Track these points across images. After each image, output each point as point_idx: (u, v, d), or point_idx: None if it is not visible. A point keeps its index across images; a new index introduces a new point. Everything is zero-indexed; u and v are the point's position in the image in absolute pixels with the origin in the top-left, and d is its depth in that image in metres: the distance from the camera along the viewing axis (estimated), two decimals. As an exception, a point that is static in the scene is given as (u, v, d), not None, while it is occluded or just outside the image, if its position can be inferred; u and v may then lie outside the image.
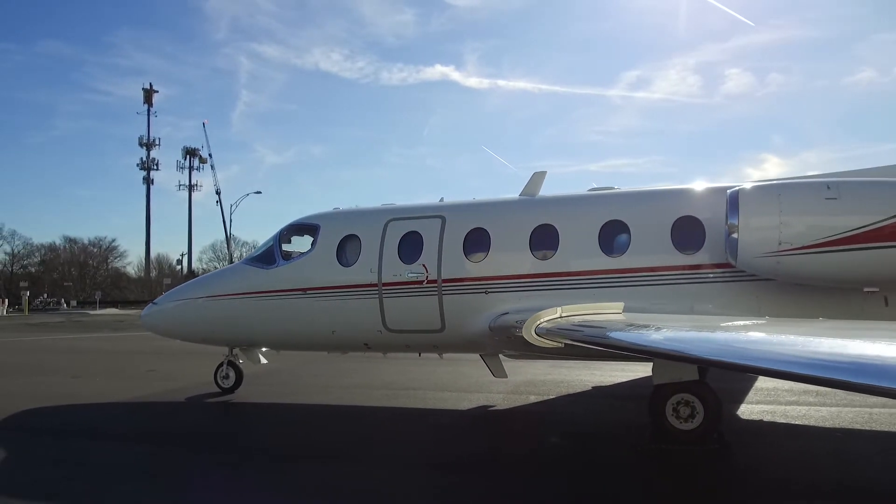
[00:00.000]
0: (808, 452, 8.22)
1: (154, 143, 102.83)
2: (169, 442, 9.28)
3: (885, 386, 3.25)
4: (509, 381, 12.26)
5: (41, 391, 13.54)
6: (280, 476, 7.36)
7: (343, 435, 9.67)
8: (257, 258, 12.47)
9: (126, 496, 6.70)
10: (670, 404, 8.21)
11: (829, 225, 7.95)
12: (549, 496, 6.57)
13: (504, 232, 10.59)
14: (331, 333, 11.41)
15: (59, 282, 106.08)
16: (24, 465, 8.07)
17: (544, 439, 9.08)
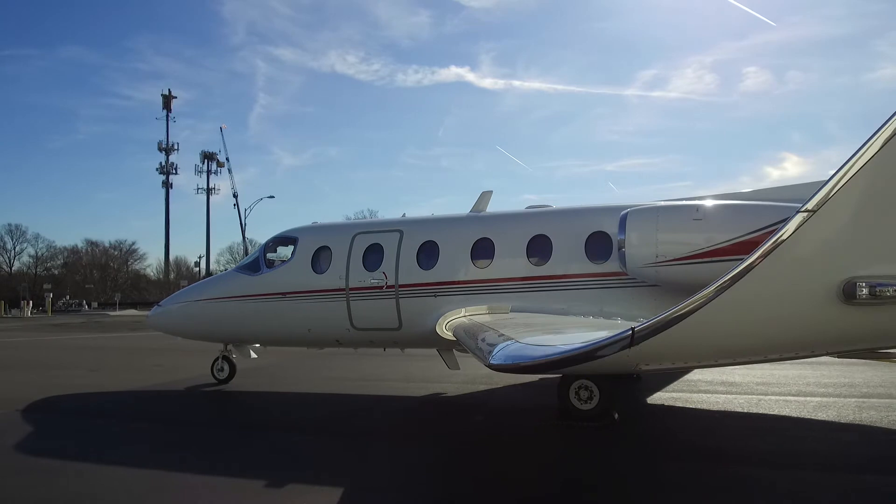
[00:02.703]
0: (683, 427, 9.95)
1: (173, 148, 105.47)
2: (165, 420, 11.22)
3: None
4: (468, 373, 14.05)
5: (62, 382, 15.55)
6: (264, 443, 9.26)
7: (322, 415, 11.58)
8: (246, 266, 14.44)
9: (126, 457, 8.57)
10: (573, 388, 9.92)
11: (695, 241, 9.65)
12: (468, 460, 8.39)
13: (451, 244, 12.38)
14: (307, 331, 13.32)
15: (81, 284, 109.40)
16: (47, 436, 10.02)
17: (472, 417, 10.91)
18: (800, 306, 4.95)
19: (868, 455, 8.02)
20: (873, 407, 10.62)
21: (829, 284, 4.85)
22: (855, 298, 4.83)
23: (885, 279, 4.78)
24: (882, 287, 4.78)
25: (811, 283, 4.85)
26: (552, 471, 7.69)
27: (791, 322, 5.08)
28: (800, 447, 8.37)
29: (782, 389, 12.54)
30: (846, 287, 4.84)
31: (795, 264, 4.81)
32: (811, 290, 4.86)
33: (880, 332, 5.31)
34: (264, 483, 7.08)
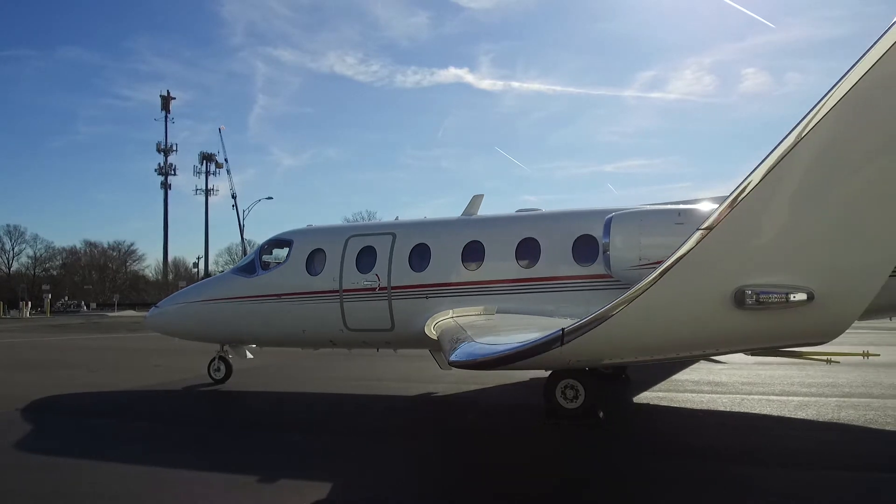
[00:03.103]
0: (668, 425, 10.23)
1: (171, 149, 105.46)
2: (162, 419, 11.48)
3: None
4: (459, 373, 14.25)
5: (61, 382, 15.80)
6: (258, 441, 9.54)
7: (315, 414, 11.91)
8: (242, 268, 14.70)
9: (124, 455, 8.82)
10: (559, 388, 10.19)
11: (676, 244, 9.90)
12: (456, 457, 8.67)
13: (442, 247, 12.66)
14: (302, 332, 13.58)
15: (80, 285, 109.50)
16: (47, 434, 10.27)
17: (462, 416, 11.21)
18: (700, 310, 5.63)
19: (845, 452, 8.29)
20: (852, 406, 10.91)
21: (724, 292, 5.49)
22: (744, 304, 5.47)
23: (768, 288, 5.42)
24: (765, 294, 5.44)
25: (709, 291, 5.51)
26: (539, 468, 7.97)
27: (694, 324, 5.77)
28: (779, 445, 8.66)
29: (766, 389, 12.84)
30: (737, 294, 5.48)
31: (696, 274, 5.49)
32: (709, 296, 5.52)
33: (766, 333, 5.93)
34: (257, 479, 7.35)
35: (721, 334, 5.87)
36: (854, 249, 5.29)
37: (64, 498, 6.87)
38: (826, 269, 5.37)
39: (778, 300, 5.42)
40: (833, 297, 5.37)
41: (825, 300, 5.42)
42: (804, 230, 5.30)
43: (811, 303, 5.42)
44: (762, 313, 5.49)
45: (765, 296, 5.40)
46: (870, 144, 4.96)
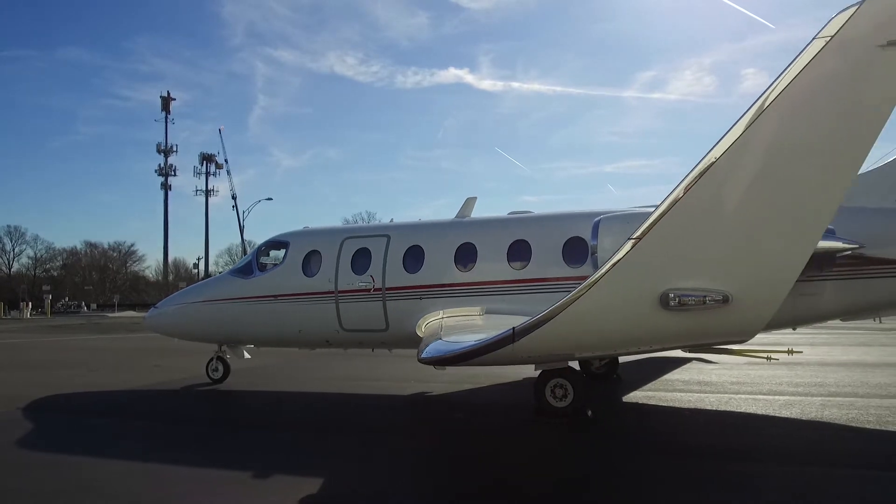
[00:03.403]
0: (654, 423, 10.46)
1: (172, 150, 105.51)
2: (160, 418, 11.71)
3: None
4: (455, 373, 14.48)
5: (62, 382, 16.02)
6: (254, 439, 9.77)
7: (310, 413, 12.19)
8: (239, 269, 14.94)
9: (123, 453, 9.04)
10: (549, 387, 10.42)
11: (662, 246, 10.15)
12: (444, 452, 8.91)
13: (435, 249, 12.89)
14: (298, 332, 13.81)
15: (81, 285, 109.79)
16: (48, 433, 10.50)
17: (451, 414, 11.45)
18: (631, 311, 6.26)
19: (823, 449, 8.49)
20: (836, 405, 11.13)
21: (651, 295, 6.10)
22: (669, 306, 6.14)
23: (688, 291, 6.06)
24: (686, 297, 6.09)
25: (639, 294, 6.10)
26: (529, 464, 8.19)
27: (627, 323, 6.45)
28: (761, 442, 8.89)
29: (753, 388, 13.07)
30: (662, 297, 6.14)
31: (628, 279, 6.04)
32: (639, 299, 6.12)
33: (689, 332, 6.66)
34: (253, 475, 7.57)
35: (650, 333, 6.64)
36: (764, 259, 5.88)
37: (65, 496, 7.07)
38: (740, 275, 5.95)
39: (696, 302, 6.07)
40: (746, 300, 6.01)
41: (739, 303, 6.07)
42: (721, 241, 5.89)
43: (727, 305, 6.07)
44: (684, 314, 6.15)
45: (685, 298, 6.05)
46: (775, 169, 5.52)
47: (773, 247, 5.77)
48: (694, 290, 6.01)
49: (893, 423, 9.72)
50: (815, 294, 10.82)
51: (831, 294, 10.85)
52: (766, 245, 5.80)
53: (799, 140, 5.37)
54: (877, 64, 5.00)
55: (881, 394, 12.24)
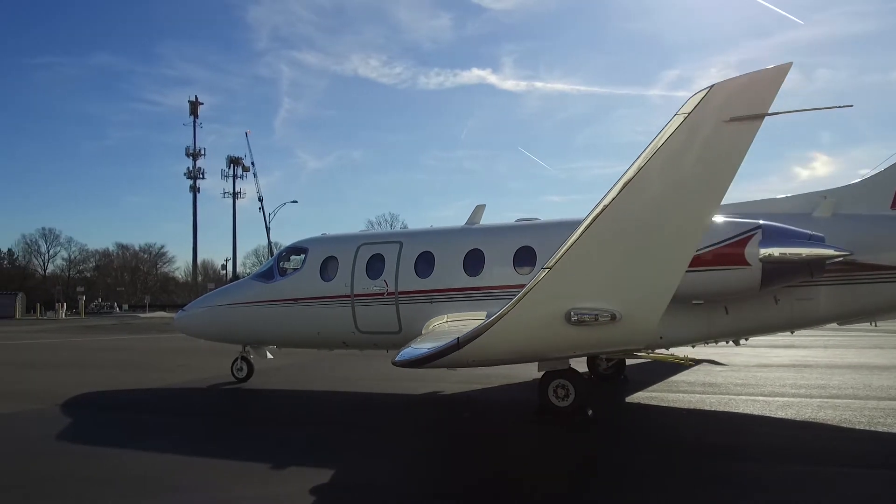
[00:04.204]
0: (651, 421, 10.95)
1: (200, 153, 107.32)
2: (187, 414, 12.51)
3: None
4: (467, 373, 15.07)
5: (96, 380, 16.94)
6: (273, 434, 10.48)
7: (328, 410, 12.94)
8: (262, 274, 15.72)
9: (152, 445, 9.79)
10: (552, 387, 10.94)
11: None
12: (453, 449, 9.51)
13: (445, 254, 13.48)
14: (316, 334, 14.52)
15: (113, 286, 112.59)
16: (84, 426, 11.32)
17: (460, 413, 12.04)
18: (545, 326, 7.53)
19: (808, 447, 8.91)
20: (832, 406, 11.48)
21: (559, 313, 7.37)
22: (571, 322, 7.45)
23: (585, 310, 7.36)
24: (582, 315, 7.38)
25: (550, 312, 7.38)
26: (528, 461, 8.78)
27: (542, 335, 7.74)
28: (749, 441, 9.35)
29: (755, 390, 13.41)
30: (567, 314, 7.45)
31: (541, 300, 7.30)
32: (550, 316, 7.39)
33: (589, 343, 8.06)
34: (269, 466, 8.24)
35: (560, 343, 7.95)
36: (641, 286, 7.24)
37: (101, 482, 7.79)
38: (624, 298, 7.25)
39: (591, 319, 7.33)
40: (630, 318, 7.31)
41: (625, 320, 7.42)
42: (609, 270, 7.24)
43: (615, 321, 7.39)
44: (584, 328, 7.40)
45: (582, 316, 7.32)
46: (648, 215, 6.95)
47: (648, 276, 7.16)
48: (589, 310, 7.35)
49: (883, 423, 10.07)
50: (810, 299, 11.23)
51: (826, 299, 11.24)
52: (642, 274, 7.19)
53: (666, 193, 6.71)
54: (723, 134, 6.42)
55: (879, 396, 12.53)
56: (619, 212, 6.74)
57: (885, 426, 9.92)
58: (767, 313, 11.39)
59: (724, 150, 6.53)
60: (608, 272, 7.23)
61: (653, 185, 6.65)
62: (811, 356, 19.88)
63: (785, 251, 10.25)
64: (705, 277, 10.40)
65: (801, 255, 10.30)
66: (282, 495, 7.08)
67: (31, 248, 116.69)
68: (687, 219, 6.88)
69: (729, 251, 10.24)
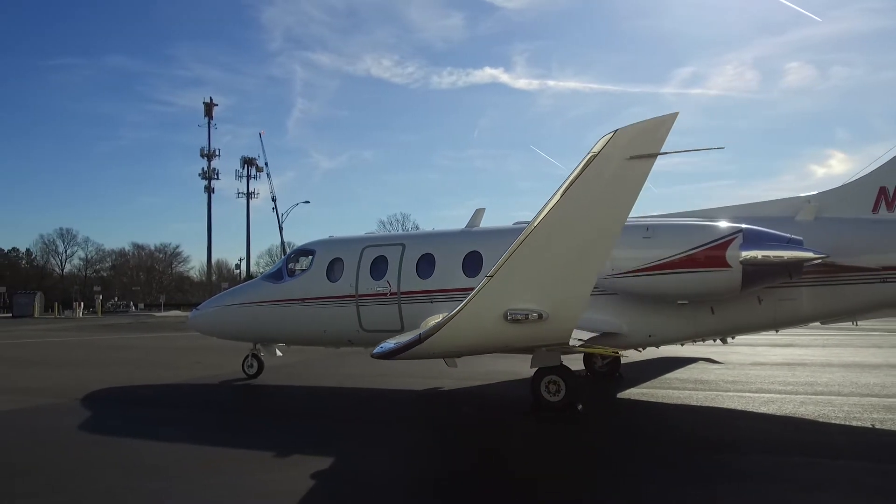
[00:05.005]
0: (638, 416, 11.51)
1: (214, 154, 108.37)
2: (199, 407, 13.21)
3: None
4: (467, 370, 15.72)
5: (114, 376, 17.71)
6: (279, 426, 11.16)
7: (333, 404, 13.61)
8: (271, 275, 16.42)
9: (166, 435, 10.48)
10: (544, 383, 11.53)
11: (644, 257, 11.17)
12: (448, 441, 10.13)
13: (445, 256, 14.08)
14: (323, 332, 15.18)
15: (129, 286, 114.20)
16: (101, 418, 12.02)
17: (457, 407, 12.66)
18: (487, 324, 8.58)
19: (778, 439, 9.44)
20: (814, 402, 11.96)
21: (499, 312, 8.44)
22: (508, 320, 8.54)
23: (518, 310, 8.43)
24: (516, 314, 8.46)
25: (492, 312, 8.46)
26: (520, 452, 9.39)
27: (486, 332, 8.79)
28: (725, 434, 9.89)
29: (743, 387, 13.90)
30: (505, 314, 8.53)
31: (485, 302, 8.39)
32: (492, 315, 8.47)
33: (524, 338, 9.10)
34: (273, 455, 8.88)
35: (501, 338, 9.08)
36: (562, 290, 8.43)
37: (115, 468, 8.44)
38: (548, 300, 8.39)
39: (522, 318, 8.40)
40: (555, 316, 8.43)
41: (551, 318, 8.56)
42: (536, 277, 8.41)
43: (542, 320, 8.53)
44: (518, 326, 8.49)
45: (516, 315, 8.41)
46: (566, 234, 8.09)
47: (567, 282, 8.39)
48: (522, 310, 8.46)
49: (859, 419, 10.54)
50: (792, 299, 11.75)
51: (808, 299, 11.74)
52: (562, 281, 8.44)
53: (581, 215, 7.96)
54: (625, 168, 7.62)
55: (862, 393, 12.97)
56: (544, 230, 7.94)
57: (860, 420, 10.39)
58: (752, 313, 11.92)
59: (626, 182, 7.78)
60: (536, 279, 8.39)
61: (571, 209, 7.86)
62: (807, 355, 20.30)
63: (764, 254, 10.78)
64: (689, 279, 10.98)
65: (780, 258, 10.82)
66: (283, 481, 7.68)
67: (48, 247, 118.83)
68: (597, 237, 8.17)
69: (711, 254, 10.79)
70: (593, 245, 8.19)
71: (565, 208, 7.78)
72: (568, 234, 8.01)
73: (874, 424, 10.12)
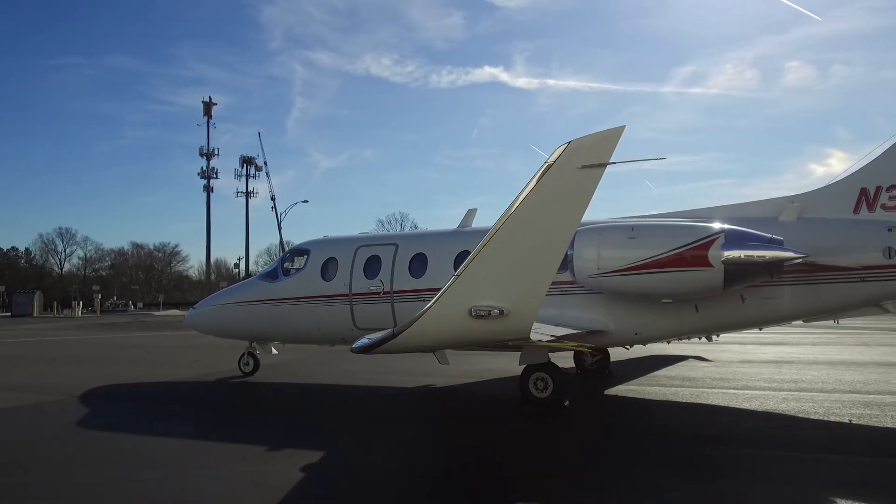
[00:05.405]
0: (623, 412, 11.81)
1: (213, 153, 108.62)
2: (196, 404, 13.49)
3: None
4: (461, 368, 16.02)
5: (111, 374, 17.98)
6: (273, 421, 11.44)
7: (326, 401, 13.91)
8: (267, 274, 16.70)
9: (163, 430, 10.75)
10: (532, 379, 11.83)
11: (629, 256, 11.46)
12: (436, 436, 10.42)
13: (437, 256, 14.36)
14: (317, 330, 15.46)
15: (128, 285, 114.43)
16: (100, 414, 12.27)
17: (447, 403, 12.94)
18: (455, 319, 9.01)
19: (753, 433, 9.74)
20: (796, 399, 12.24)
21: (464, 309, 8.87)
22: (473, 316, 9.00)
23: (483, 307, 8.85)
24: (480, 311, 8.86)
25: (458, 309, 8.88)
26: (506, 446, 9.67)
27: (454, 327, 9.20)
28: (702, 428, 10.19)
29: (729, 384, 14.18)
30: (470, 310, 8.98)
31: (452, 299, 8.83)
32: (458, 312, 8.89)
33: (487, 333, 9.49)
34: (266, 448, 9.17)
35: (468, 333, 9.52)
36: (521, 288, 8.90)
37: (112, 461, 8.72)
38: (509, 298, 8.84)
39: (486, 314, 8.83)
40: (515, 313, 8.89)
41: (512, 314, 9.04)
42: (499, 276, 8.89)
43: (503, 316, 9.00)
44: (482, 321, 8.95)
45: (480, 311, 8.85)
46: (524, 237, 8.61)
47: (525, 281, 8.89)
48: (485, 306, 8.92)
49: (837, 414, 10.82)
50: (774, 298, 12.04)
51: (790, 298, 12.03)
52: (520, 280, 8.97)
53: (538, 220, 8.49)
54: (577, 177, 8.19)
55: (843, 389, 13.26)
56: (506, 233, 8.49)
57: (838, 416, 10.68)
58: (735, 311, 12.21)
59: (578, 189, 8.32)
60: (498, 278, 8.91)
61: (530, 214, 8.41)
62: (795, 353, 20.59)
63: (746, 254, 11.07)
64: (673, 278, 11.27)
65: (761, 258, 11.11)
66: (275, 473, 7.96)
67: (48, 246, 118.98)
68: (552, 239, 8.71)
69: (694, 254, 11.08)
70: (549, 247, 8.76)
71: (524, 213, 8.35)
72: (527, 236, 8.59)
73: (851, 420, 10.40)
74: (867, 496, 6.94)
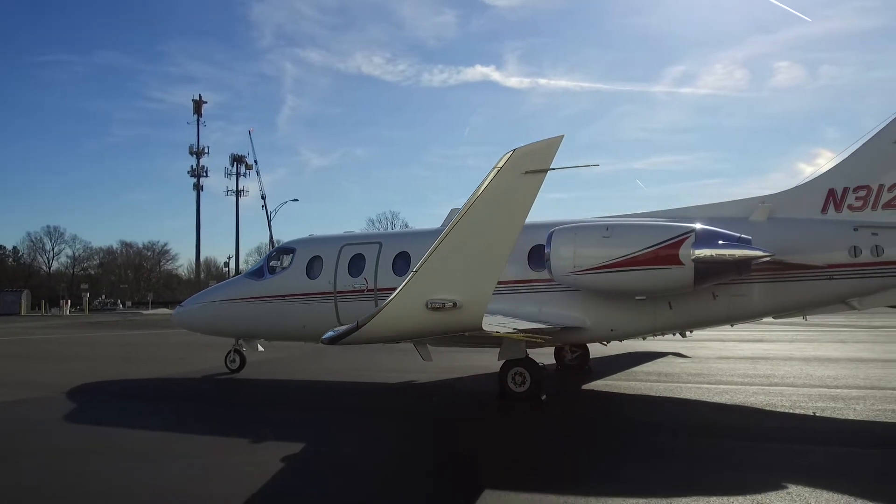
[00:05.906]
0: (596, 405, 12.17)
1: (203, 151, 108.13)
2: (182, 399, 13.75)
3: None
4: (441, 364, 16.34)
5: (99, 371, 18.18)
6: (257, 415, 11.71)
7: (309, 396, 14.22)
8: (253, 272, 16.97)
9: (148, 425, 11.01)
10: (510, 374, 12.20)
11: (603, 255, 11.81)
12: (417, 429, 10.74)
13: (420, 254, 14.54)
14: (302, 328, 15.71)
15: (116, 283, 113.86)
16: (87, 410, 12.51)
17: (428, 398, 13.28)
18: (413, 311, 9.34)
19: (717, 424, 10.13)
20: (765, 393, 12.67)
21: (421, 302, 9.18)
22: (429, 308, 9.27)
23: (438, 300, 9.13)
24: (435, 303, 9.15)
25: (416, 302, 9.21)
26: (487, 438, 10.01)
27: (413, 319, 9.55)
28: (669, 420, 10.57)
29: (704, 379, 14.61)
30: (427, 303, 9.26)
31: (411, 293, 9.17)
32: (416, 305, 9.22)
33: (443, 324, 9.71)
34: (249, 441, 9.46)
35: (426, 325, 9.83)
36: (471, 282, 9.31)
37: (99, 453, 9.00)
38: (461, 291, 9.23)
39: (441, 306, 9.16)
40: (467, 305, 9.39)
41: (463, 307, 9.37)
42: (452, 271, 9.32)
43: (457, 308, 9.32)
44: (438, 313, 9.39)
45: (435, 304, 9.18)
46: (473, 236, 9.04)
47: (475, 276, 9.47)
48: (440, 299, 9.30)
49: (802, 407, 11.22)
50: (745, 295, 12.42)
51: (760, 295, 12.42)
52: (472, 275, 9.45)
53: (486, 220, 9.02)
54: (521, 181, 8.74)
55: (812, 384, 13.68)
56: (459, 231, 9.04)
57: (803, 409, 11.07)
58: (707, 308, 12.60)
59: (522, 193, 8.86)
60: (452, 273, 9.41)
61: (480, 214, 8.95)
62: (772, 349, 21.06)
63: (716, 252, 11.44)
64: (645, 275, 11.63)
65: (731, 256, 11.48)
66: (256, 462, 8.24)
67: (36, 245, 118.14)
68: (498, 237, 9.24)
69: (665, 252, 11.44)
70: (497, 245, 9.27)
71: (475, 213, 8.91)
72: (477, 234, 9.12)
73: (815, 412, 10.80)
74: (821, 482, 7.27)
